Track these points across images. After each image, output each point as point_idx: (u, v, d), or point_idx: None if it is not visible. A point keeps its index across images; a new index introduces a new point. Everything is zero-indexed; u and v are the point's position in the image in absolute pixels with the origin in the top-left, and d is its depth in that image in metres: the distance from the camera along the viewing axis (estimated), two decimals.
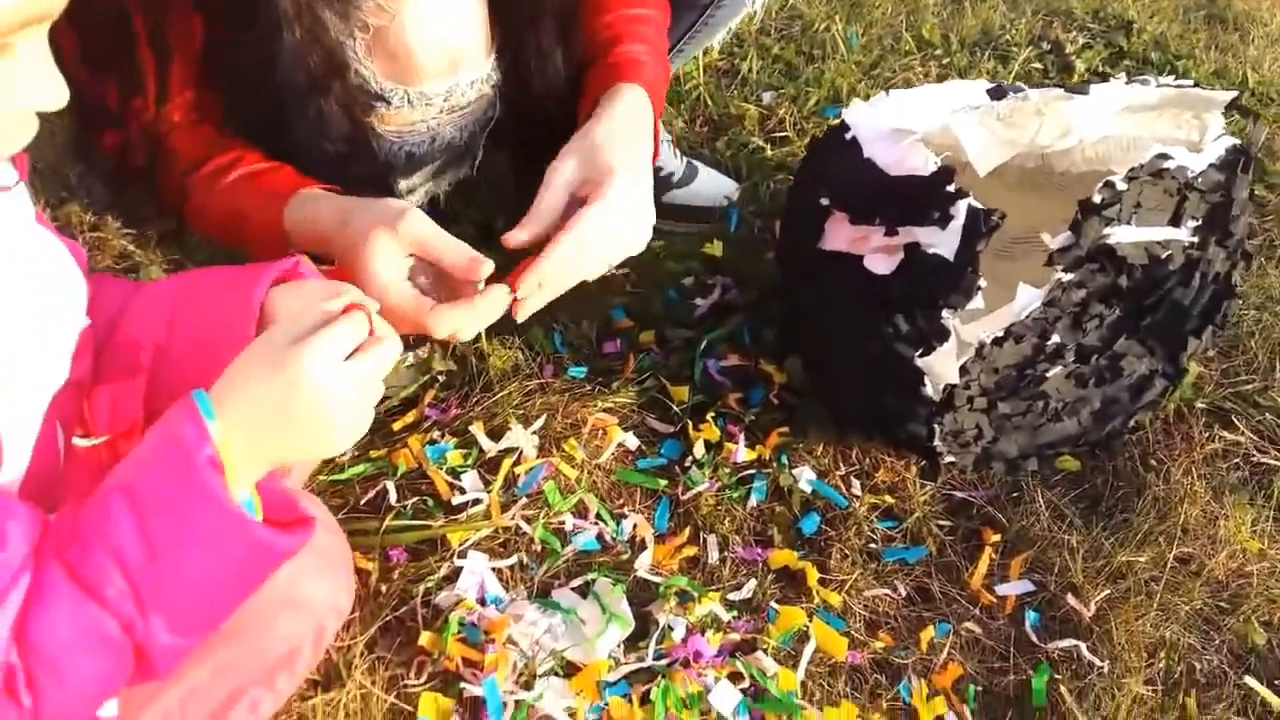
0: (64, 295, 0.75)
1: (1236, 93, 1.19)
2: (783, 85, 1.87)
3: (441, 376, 1.35)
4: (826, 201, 1.18)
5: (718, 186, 1.61)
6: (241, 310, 0.77)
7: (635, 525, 1.24)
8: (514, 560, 1.18)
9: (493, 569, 1.17)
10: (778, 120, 1.80)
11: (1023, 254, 1.39)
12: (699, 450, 1.31)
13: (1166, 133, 1.21)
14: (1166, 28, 2.16)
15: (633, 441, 1.32)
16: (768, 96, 1.85)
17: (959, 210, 1.06)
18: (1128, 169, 1.11)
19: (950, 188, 1.07)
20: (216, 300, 0.80)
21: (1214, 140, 1.18)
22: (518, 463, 1.26)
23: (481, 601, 1.13)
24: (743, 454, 1.31)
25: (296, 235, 0.89)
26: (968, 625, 1.20)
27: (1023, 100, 1.14)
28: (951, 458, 1.26)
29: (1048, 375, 1.25)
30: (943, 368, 1.11)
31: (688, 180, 1.59)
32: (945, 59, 2.00)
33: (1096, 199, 1.10)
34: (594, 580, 1.17)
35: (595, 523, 1.23)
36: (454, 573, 1.16)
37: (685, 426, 1.34)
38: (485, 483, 1.25)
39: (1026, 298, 1.12)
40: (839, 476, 1.32)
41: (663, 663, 1.10)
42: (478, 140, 1.12)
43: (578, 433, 1.31)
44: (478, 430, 1.29)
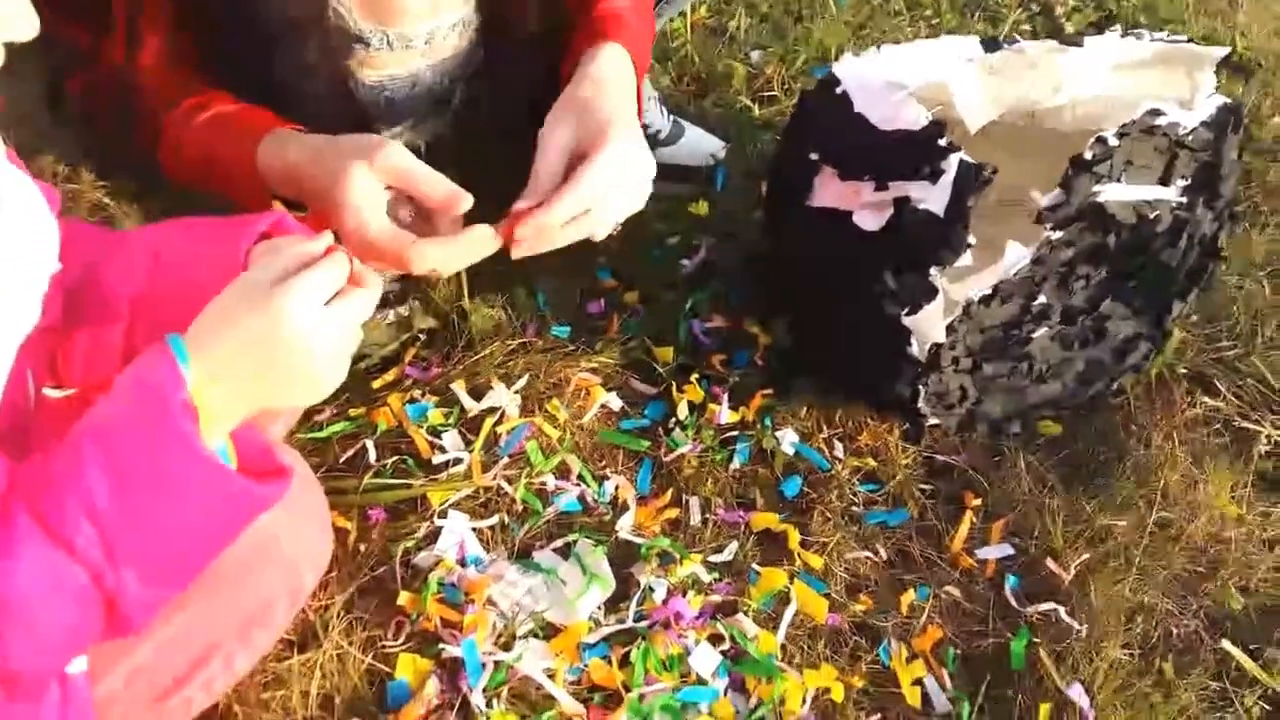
0: (35, 237, 0.72)
1: (1229, 49, 1.18)
2: (770, 44, 1.84)
3: (423, 335, 1.33)
4: (816, 157, 1.16)
5: (704, 145, 1.59)
6: (227, 263, 0.75)
7: (617, 486, 1.23)
8: (495, 520, 1.17)
9: (473, 529, 1.16)
10: (765, 79, 1.77)
11: (1009, 217, 1.38)
12: (682, 412, 1.30)
13: (1157, 92, 1.20)
14: None
15: (616, 402, 1.31)
16: (755, 55, 1.82)
17: (950, 165, 1.05)
18: (1119, 125, 1.09)
19: (942, 142, 1.06)
20: (200, 251, 0.78)
21: (1206, 98, 1.16)
22: (499, 422, 1.25)
23: (461, 562, 1.13)
24: (726, 416, 1.30)
25: (269, 174, 0.86)
26: (948, 589, 1.20)
27: (1017, 52, 1.13)
28: (935, 420, 1.25)
29: (1033, 336, 1.24)
30: (929, 326, 1.10)
31: (674, 139, 1.57)
32: (935, 20, 1.98)
33: (1088, 155, 1.09)
34: (575, 541, 1.16)
35: (577, 483, 1.22)
36: (434, 533, 1.15)
37: (669, 388, 1.33)
38: (466, 442, 1.24)
39: (1015, 255, 1.11)
40: (822, 439, 1.32)
41: (643, 624, 1.10)
42: (458, 88, 1.09)
43: (560, 393, 1.30)
44: (459, 389, 1.27)
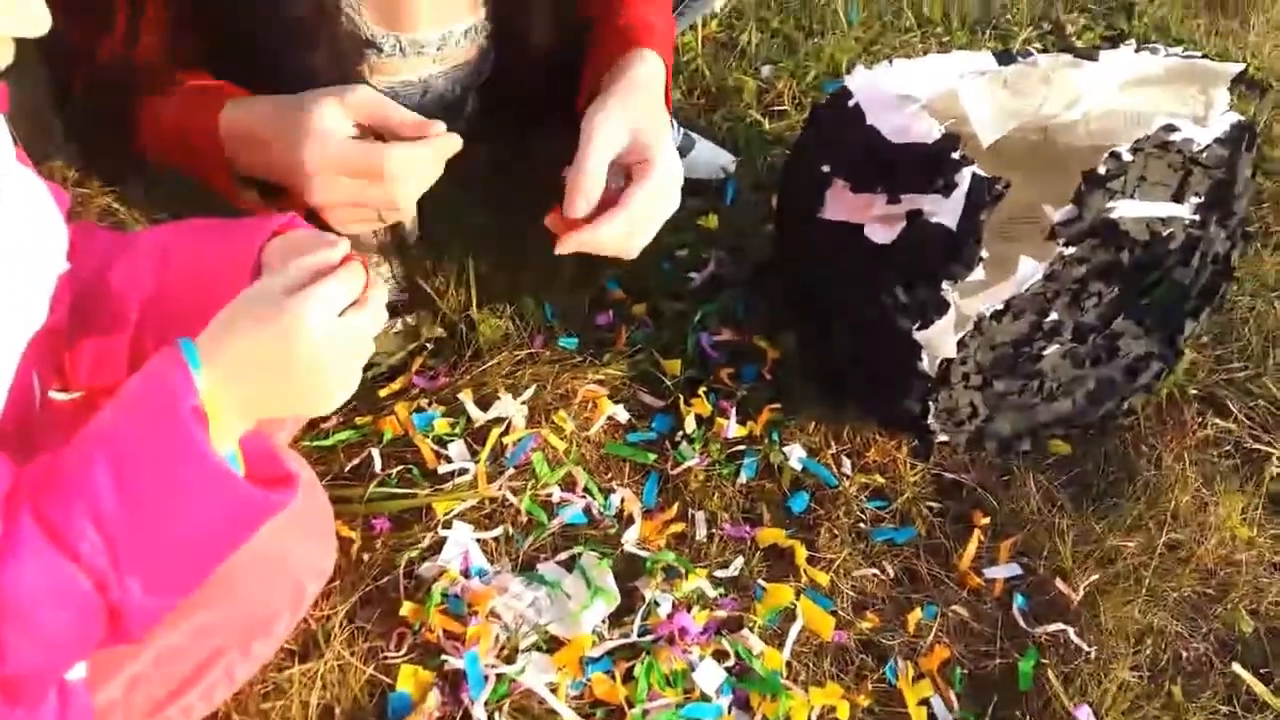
0: (43, 237, 0.72)
1: (1244, 65, 1.17)
2: (781, 59, 1.84)
3: (430, 344, 1.32)
4: (827, 169, 1.16)
5: (715, 158, 1.59)
6: (239, 263, 0.74)
7: (623, 499, 1.22)
8: (499, 532, 1.16)
9: (477, 540, 1.15)
10: (776, 94, 1.77)
11: (1021, 235, 1.37)
12: (690, 425, 1.29)
13: (1171, 108, 1.20)
14: (1168, 11, 2.14)
15: (623, 414, 1.30)
16: (766, 70, 1.82)
17: (963, 178, 1.04)
18: (1133, 141, 1.09)
19: (955, 155, 1.05)
20: (210, 253, 0.77)
21: (1220, 115, 1.16)
22: (506, 433, 1.24)
23: (465, 573, 1.12)
24: (734, 430, 1.30)
25: (231, 138, 0.84)
26: (955, 608, 1.19)
27: (1031, 65, 1.12)
28: (944, 436, 1.24)
29: (1044, 354, 1.23)
30: (940, 341, 1.09)
31: (684, 151, 1.57)
32: (945, 37, 1.98)
33: (1101, 170, 1.08)
34: (580, 554, 1.15)
35: (583, 496, 1.21)
36: (438, 543, 1.14)
37: (677, 401, 1.32)
38: (472, 452, 1.23)
39: (1028, 269, 1.10)
40: (830, 455, 1.31)
41: (647, 639, 1.09)
42: (469, 96, 1.09)
43: (567, 404, 1.29)
44: (466, 399, 1.27)
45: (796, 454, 1.29)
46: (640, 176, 0.83)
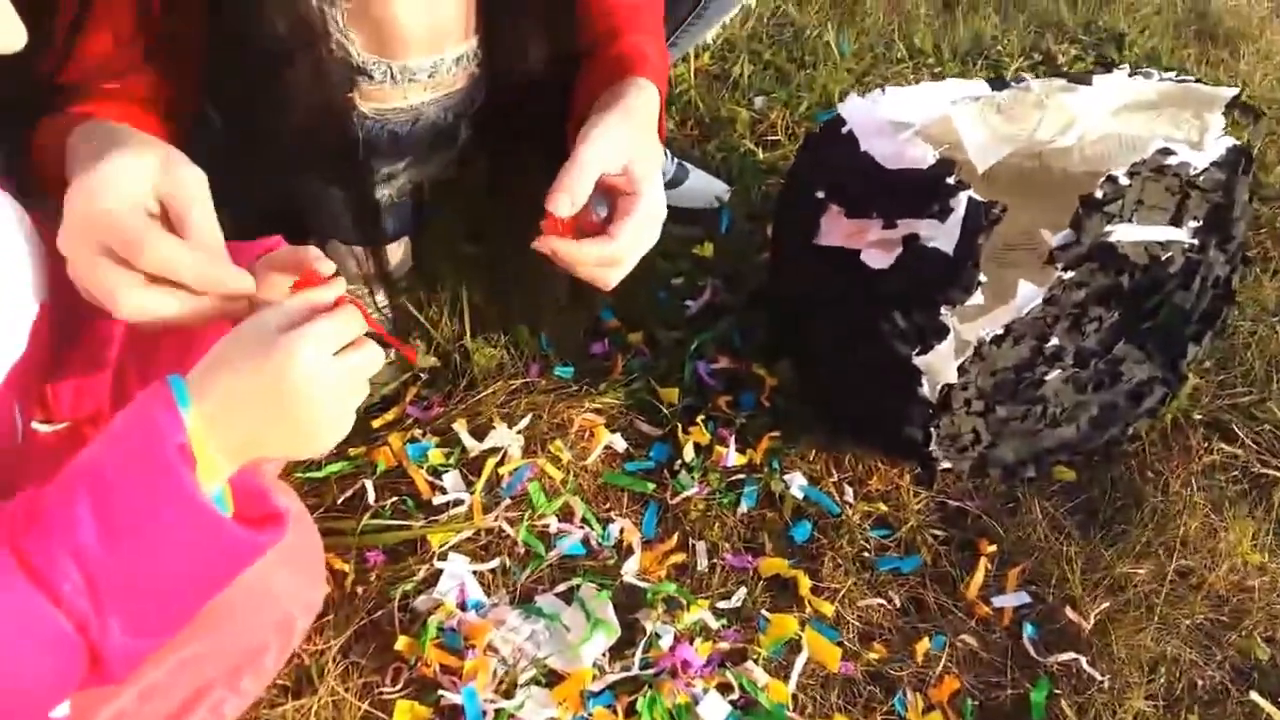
0: (22, 265, 0.70)
1: (1238, 89, 1.17)
2: (774, 90, 1.85)
3: (424, 374, 1.31)
4: (822, 195, 1.15)
5: (709, 188, 1.58)
6: None
7: (622, 529, 1.20)
8: (496, 564, 1.14)
9: (474, 572, 1.13)
10: (769, 124, 1.77)
11: (1017, 261, 1.37)
12: (688, 453, 1.28)
13: (1165, 133, 1.20)
14: (1158, 41, 2.16)
15: (620, 443, 1.29)
16: (759, 101, 1.83)
17: (959, 203, 1.03)
18: (1130, 164, 1.08)
19: (950, 180, 1.05)
20: None
21: (1215, 139, 1.16)
22: (501, 463, 1.23)
23: (462, 606, 1.09)
24: (733, 458, 1.28)
25: (68, 161, 0.70)
26: (964, 637, 1.16)
27: (1024, 91, 1.12)
28: (947, 463, 1.23)
29: (1046, 379, 1.22)
30: (941, 366, 1.08)
31: (678, 181, 1.57)
32: (937, 68, 1.99)
33: (1099, 194, 1.07)
34: (579, 586, 1.13)
35: (581, 526, 1.19)
36: (433, 575, 1.12)
37: (675, 429, 1.30)
38: (467, 483, 1.21)
39: (1027, 294, 1.09)
40: (831, 483, 1.29)
41: (649, 672, 1.06)
42: (461, 125, 1.08)
43: (564, 433, 1.27)
44: (460, 429, 1.25)
45: (798, 482, 1.27)
46: (627, 211, 0.82)
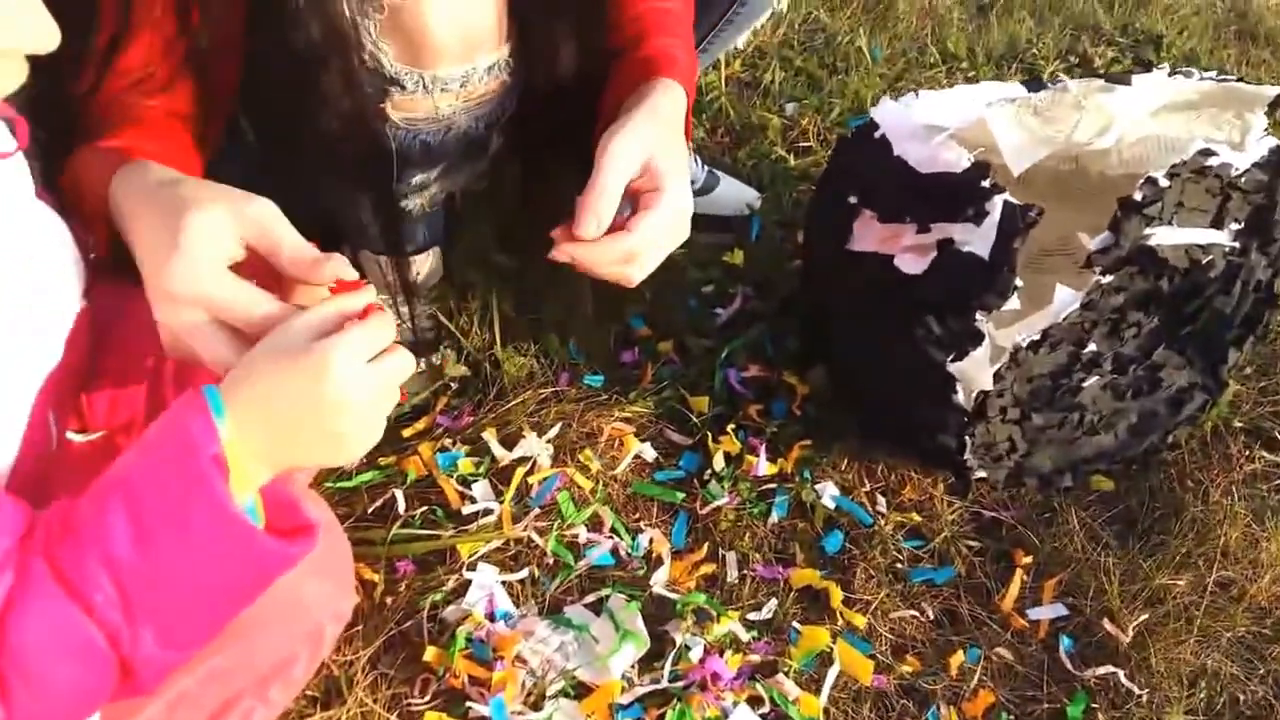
0: (60, 274, 0.71)
1: None
2: (806, 96, 1.84)
3: (454, 383, 1.31)
4: (855, 200, 1.14)
5: (739, 195, 1.57)
6: None
7: (652, 540, 1.19)
8: (525, 574, 1.14)
9: (503, 583, 1.12)
10: (800, 130, 1.76)
11: (1054, 267, 1.35)
12: (718, 463, 1.27)
13: (1206, 134, 1.17)
14: (1197, 42, 2.12)
15: (650, 453, 1.28)
16: (790, 107, 1.82)
17: (994, 206, 1.02)
18: (1170, 165, 1.06)
19: (985, 183, 1.03)
20: None
21: (1257, 140, 1.13)
22: (531, 472, 1.22)
23: (490, 617, 1.09)
24: (764, 468, 1.27)
25: (116, 214, 0.71)
26: (999, 650, 1.15)
27: (1062, 92, 1.10)
28: (982, 473, 1.21)
29: (1083, 386, 1.20)
30: (976, 373, 1.06)
31: (709, 189, 1.56)
32: (971, 72, 1.97)
33: (1138, 196, 1.05)
34: (608, 596, 1.12)
35: (610, 536, 1.19)
36: (462, 586, 1.11)
37: (704, 438, 1.29)
38: (497, 493, 1.21)
39: (1064, 299, 1.07)
40: (863, 493, 1.27)
41: (679, 684, 1.06)
42: (493, 134, 1.08)
43: (593, 443, 1.27)
44: (490, 438, 1.25)
45: (829, 492, 1.26)
46: (649, 205, 0.82)
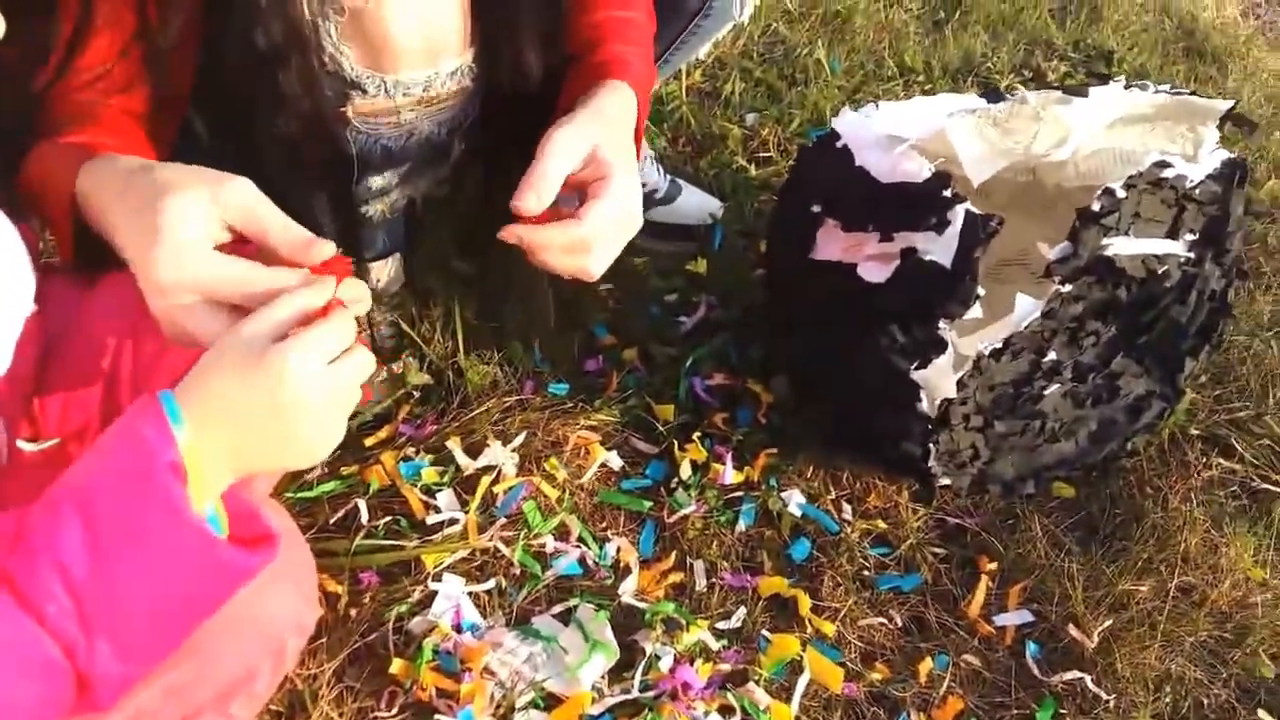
0: (8, 278, 0.69)
1: (1234, 102, 1.17)
2: (766, 107, 1.85)
3: (417, 391, 1.29)
4: (818, 209, 1.14)
5: (702, 204, 1.57)
6: None
7: (619, 549, 1.18)
8: (492, 584, 1.12)
9: (469, 593, 1.11)
10: (761, 141, 1.77)
11: (1012, 277, 1.36)
12: (685, 471, 1.26)
13: (1160, 146, 1.19)
14: (1146, 59, 2.17)
15: (616, 461, 1.27)
16: (750, 118, 1.82)
17: (956, 215, 1.03)
18: (1126, 177, 1.08)
19: (946, 193, 1.04)
20: None
21: (1209, 152, 1.15)
22: (496, 481, 1.21)
23: (457, 628, 1.07)
24: (730, 476, 1.26)
25: (86, 208, 0.70)
26: (966, 657, 1.15)
27: (1020, 103, 1.12)
28: (946, 480, 1.21)
29: (1045, 394, 1.21)
30: (939, 381, 1.07)
31: (671, 198, 1.55)
32: (927, 85, 1.99)
33: (1096, 206, 1.07)
34: (576, 606, 1.11)
35: (577, 545, 1.17)
36: (428, 597, 1.10)
37: (671, 447, 1.29)
38: (462, 502, 1.19)
39: (1026, 307, 1.08)
40: (829, 501, 1.27)
41: (650, 694, 1.05)
42: (455, 139, 1.07)
43: (559, 451, 1.25)
44: (454, 447, 1.23)
45: (796, 500, 1.26)
46: (596, 195, 0.81)
